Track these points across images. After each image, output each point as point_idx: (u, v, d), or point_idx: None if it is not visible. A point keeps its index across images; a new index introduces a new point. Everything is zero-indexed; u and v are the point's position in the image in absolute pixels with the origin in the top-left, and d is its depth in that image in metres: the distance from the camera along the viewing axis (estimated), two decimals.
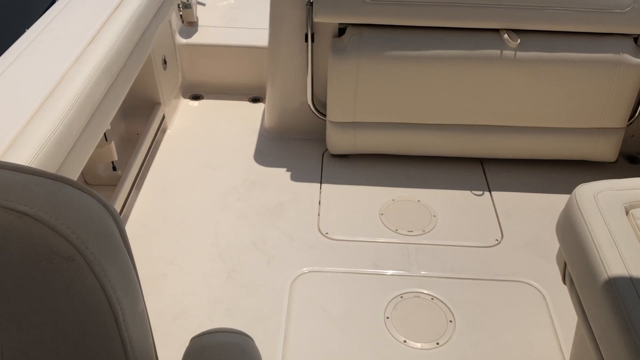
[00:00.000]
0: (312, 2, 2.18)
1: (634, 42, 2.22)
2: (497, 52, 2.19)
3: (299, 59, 2.39)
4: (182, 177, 2.37)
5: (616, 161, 2.47)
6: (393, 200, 2.28)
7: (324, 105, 2.44)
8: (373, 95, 2.28)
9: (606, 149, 2.38)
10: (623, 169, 2.49)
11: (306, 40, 2.30)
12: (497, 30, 2.21)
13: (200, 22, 2.96)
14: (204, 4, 3.13)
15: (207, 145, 2.55)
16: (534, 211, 2.24)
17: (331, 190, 2.33)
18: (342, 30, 2.28)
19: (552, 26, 2.17)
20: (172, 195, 2.29)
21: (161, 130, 2.58)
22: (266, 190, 2.32)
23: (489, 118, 2.33)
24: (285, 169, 2.42)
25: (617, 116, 2.31)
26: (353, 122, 2.36)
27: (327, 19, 2.19)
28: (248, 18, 2.99)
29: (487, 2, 2.12)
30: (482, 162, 2.47)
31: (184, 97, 2.86)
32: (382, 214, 2.21)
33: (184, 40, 2.79)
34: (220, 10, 3.09)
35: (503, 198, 2.30)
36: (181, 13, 2.86)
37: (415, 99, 2.28)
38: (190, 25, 2.91)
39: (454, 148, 2.40)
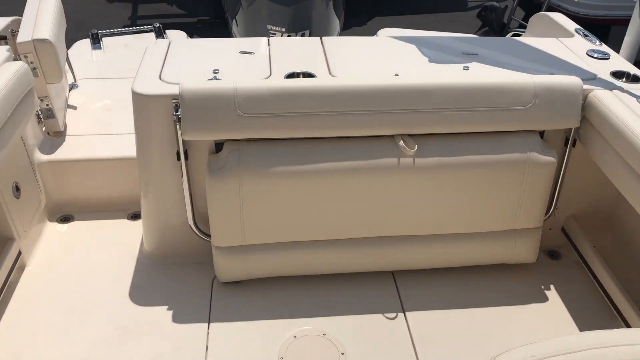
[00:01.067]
0: (179, 117, 1.88)
1: (540, 138, 2.04)
2: (394, 160, 1.95)
3: (173, 174, 2.06)
4: (38, 331, 1.95)
5: (537, 259, 2.26)
6: (294, 337, 1.95)
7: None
8: (262, 215, 1.98)
9: (524, 251, 2.16)
10: (544, 266, 2.28)
11: (178, 159, 1.98)
12: (392, 136, 1.98)
13: (69, 131, 2.60)
14: (74, 107, 2.78)
15: (74, 282, 2.15)
16: (454, 335, 1.97)
17: (221, 330, 1.97)
18: (219, 144, 1.99)
19: (452, 128, 1.96)
20: (24, 358, 1.86)
21: (17, 268, 2.15)
22: (142, 339, 1.93)
23: (394, 229, 2.06)
24: (166, 307, 2.05)
25: (532, 216, 2.10)
26: (242, 246, 2.04)
27: (198, 137, 1.89)
28: (126, 122, 2.65)
29: (377, 108, 1.89)
30: (394, 275, 2.19)
31: (50, 220, 2.45)
32: (281, 358, 1.87)
33: (45, 157, 2.41)
34: (93, 114, 2.74)
35: (419, 320, 2.01)
36: (43, 124, 2.49)
37: (310, 215, 2.00)
38: (56, 136, 2.54)
39: (360, 263, 2.11)
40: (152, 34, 3.56)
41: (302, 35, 2.74)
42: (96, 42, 3.50)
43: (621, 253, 2.29)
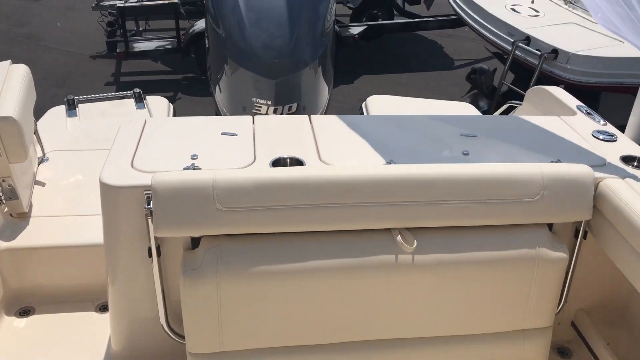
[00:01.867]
0: (151, 211, 1.68)
1: (549, 231, 1.87)
2: (391, 257, 1.76)
3: (144, 270, 1.85)
4: None
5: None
6: None
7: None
8: (243, 319, 1.76)
9: (534, 353, 1.96)
10: None
11: (150, 256, 1.77)
12: (388, 230, 1.79)
13: (34, 211, 2.39)
14: (43, 184, 2.57)
15: None
16: None
17: None
18: (196, 239, 1.79)
19: (453, 222, 1.79)
20: None
21: None
22: None
23: (392, 331, 1.86)
24: None
25: (541, 315, 1.91)
26: (221, 352, 1.81)
27: (172, 233, 1.69)
28: (99, 201, 2.45)
29: (372, 200, 1.71)
30: None
31: (8, 314, 2.21)
32: None
33: (5, 244, 2.19)
34: (63, 192, 2.54)
35: None
36: (5, 206, 2.28)
37: (298, 318, 1.79)
38: (20, 218, 2.33)
39: None
40: (132, 100, 3.40)
41: (290, 108, 2.59)
42: (72, 108, 3.33)
43: (636, 350, 2.09)
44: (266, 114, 2.58)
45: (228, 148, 1.94)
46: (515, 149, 2.03)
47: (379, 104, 3.43)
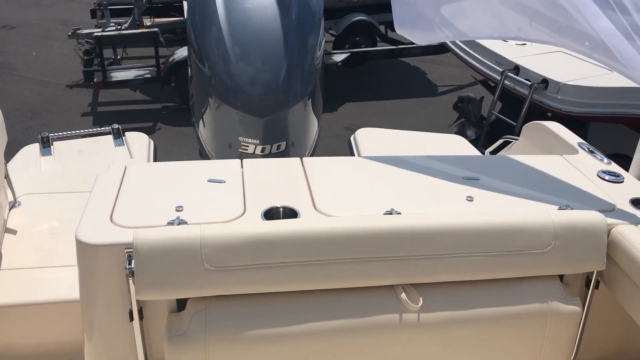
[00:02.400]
0: (132, 271, 1.53)
1: (560, 283, 1.75)
2: (395, 316, 1.62)
3: (125, 334, 1.68)
4: None
5: None
6: None
7: None
8: None
9: None
10: None
11: (131, 319, 1.61)
12: (392, 286, 1.66)
13: (3, 263, 2.20)
14: (14, 232, 2.39)
15: None
16: None
17: None
18: (182, 301, 1.63)
19: (460, 276, 1.66)
20: None
21: None
22: None
23: None
24: None
25: None
26: None
27: (155, 296, 1.54)
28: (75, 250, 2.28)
29: (373, 255, 1.58)
30: None
31: None
32: None
33: None
34: (36, 241, 2.37)
35: None
36: None
37: None
38: None
39: None
40: (110, 137, 3.24)
41: (278, 147, 2.46)
42: (46, 146, 3.15)
43: None
44: (254, 153, 2.44)
45: (216, 197, 1.80)
46: (520, 193, 1.91)
47: (369, 138, 3.32)
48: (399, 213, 1.73)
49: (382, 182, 1.94)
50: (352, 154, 3.30)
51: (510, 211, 1.72)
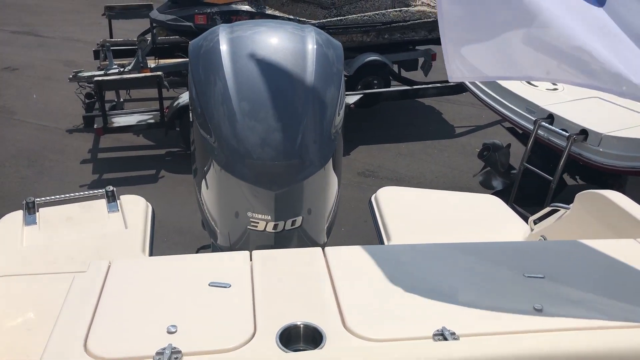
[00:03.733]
0: None
1: None
2: None
3: None
4: None
5: None
6: None
7: None
8: None
9: None
10: None
11: None
12: None
13: None
14: None
15: None
16: None
17: None
18: None
19: None
20: None
21: None
22: None
23: None
24: None
25: None
26: None
27: None
28: None
29: None
30: None
31: None
32: None
33: None
34: (8, 337, 1.98)
35: None
36: None
37: None
38: None
39: None
40: (104, 201, 2.89)
41: (293, 222, 2.09)
42: (32, 212, 2.80)
43: None
44: (264, 230, 2.08)
45: (219, 311, 1.43)
46: (600, 299, 1.53)
47: (392, 199, 2.95)
48: (454, 334, 1.35)
49: (424, 284, 1.56)
50: (373, 216, 2.93)
51: (599, 334, 1.33)
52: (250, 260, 1.66)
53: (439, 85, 6.80)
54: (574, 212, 2.34)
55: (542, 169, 3.91)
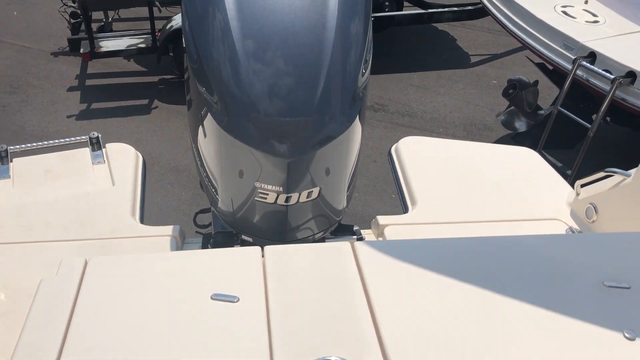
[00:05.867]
0: None
1: None
2: None
3: None
4: None
5: None
6: None
7: None
8: None
9: None
10: None
11: None
12: None
13: None
14: None
15: None
16: None
17: None
18: None
19: None
20: None
21: None
22: None
23: None
24: None
25: None
26: None
27: None
28: None
29: None
30: None
31: None
32: None
33: None
34: None
35: None
36: None
37: None
38: None
39: None
40: (87, 150, 2.52)
41: (309, 194, 1.75)
42: (4, 162, 2.45)
43: None
44: (275, 203, 1.73)
45: (225, 340, 1.11)
46: None
47: (415, 151, 2.60)
48: None
49: (477, 298, 1.24)
50: (393, 170, 2.59)
51: None
52: (262, 256, 1.33)
53: (456, 9, 6.25)
54: (636, 181, 1.99)
55: (576, 114, 3.53)
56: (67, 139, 2.59)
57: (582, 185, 2.26)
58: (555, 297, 1.24)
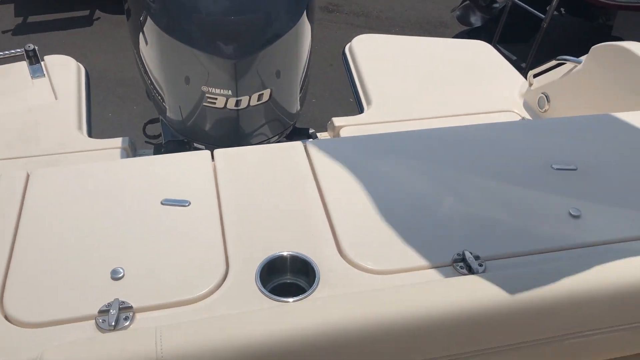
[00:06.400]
0: None
1: None
2: None
3: None
4: None
5: None
6: None
7: None
8: None
9: None
10: None
11: None
12: None
13: None
14: None
15: None
16: None
17: None
18: None
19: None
20: None
21: None
22: None
23: None
24: None
25: None
26: None
27: None
28: None
29: (454, 351, 0.95)
30: None
31: None
32: None
33: None
34: None
35: None
36: None
37: None
38: None
39: None
40: (24, 64, 2.38)
41: (260, 97, 1.71)
42: None
43: None
44: (224, 107, 1.69)
45: (177, 242, 1.10)
46: None
47: (369, 48, 2.55)
48: (478, 257, 1.08)
49: (432, 188, 1.25)
50: (347, 71, 2.54)
51: None
52: (213, 161, 1.31)
53: None
54: (587, 67, 2.00)
55: (530, 5, 3.47)
56: (0, 52, 2.43)
57: (535, 76, 2.27)
58: (504, 182, 1.26)
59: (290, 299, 0.99)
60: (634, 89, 1.81)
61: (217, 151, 1.32)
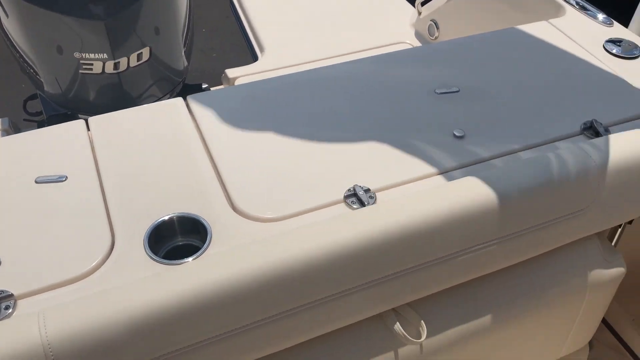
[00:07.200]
0: None
1: (599, 242, 1.25)
2: (389, 356, 1.07)
3: None
4: None
5: None
6: None
7: None
8: None
9: None
10: None
11: None
12: (378, 316, 1.08)
13: None
14: None
15: None
16: None
17: None
18: None
19: (471, 275, 1.10)
20: None
21: None
22: None
23: None
24: None
25: (582, 337, 1.38)
26: None
27: None
28: None
29: (346, 285, 0.96)
30: None
31: None
32: None
33: None
34: None
35: None
36: None
37: None
38: None
39: None
40: None
41: (139, 56, 1.63)
42: None
43: None
44: (102, 72, 1.60)
45: (56, 220, 1.04)
46: (525, 111, 1.29)
47: None
48: (368, 190, 1.08)
49: (319, 128, 1.24)
50: (235, 16, 2.47)
51: (535, 164, 1.10)
52: (88, 130, 1.23)
53: None
54: None
55: None
56: None
57: (423, 4, 2.27)
58: (390, 112, 1.26)
59: (180, 261, 0.96)
60: (516, 3, 1.84)
61: (91, 119, 1.24)
